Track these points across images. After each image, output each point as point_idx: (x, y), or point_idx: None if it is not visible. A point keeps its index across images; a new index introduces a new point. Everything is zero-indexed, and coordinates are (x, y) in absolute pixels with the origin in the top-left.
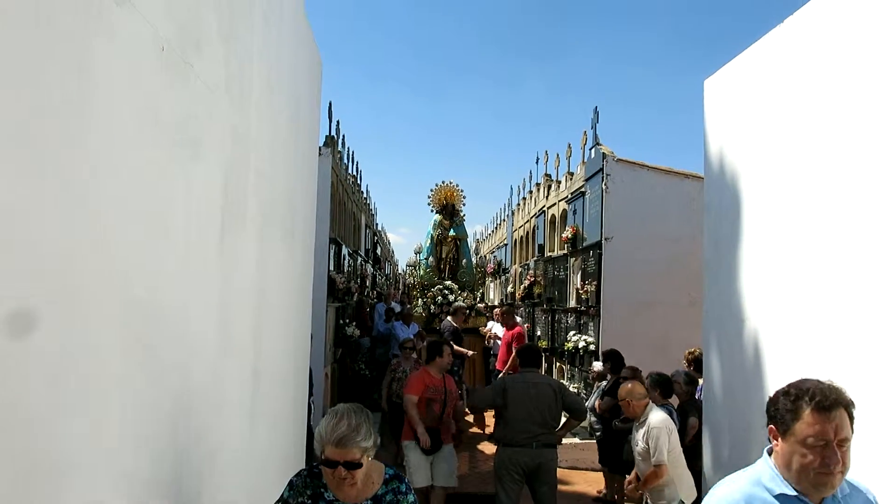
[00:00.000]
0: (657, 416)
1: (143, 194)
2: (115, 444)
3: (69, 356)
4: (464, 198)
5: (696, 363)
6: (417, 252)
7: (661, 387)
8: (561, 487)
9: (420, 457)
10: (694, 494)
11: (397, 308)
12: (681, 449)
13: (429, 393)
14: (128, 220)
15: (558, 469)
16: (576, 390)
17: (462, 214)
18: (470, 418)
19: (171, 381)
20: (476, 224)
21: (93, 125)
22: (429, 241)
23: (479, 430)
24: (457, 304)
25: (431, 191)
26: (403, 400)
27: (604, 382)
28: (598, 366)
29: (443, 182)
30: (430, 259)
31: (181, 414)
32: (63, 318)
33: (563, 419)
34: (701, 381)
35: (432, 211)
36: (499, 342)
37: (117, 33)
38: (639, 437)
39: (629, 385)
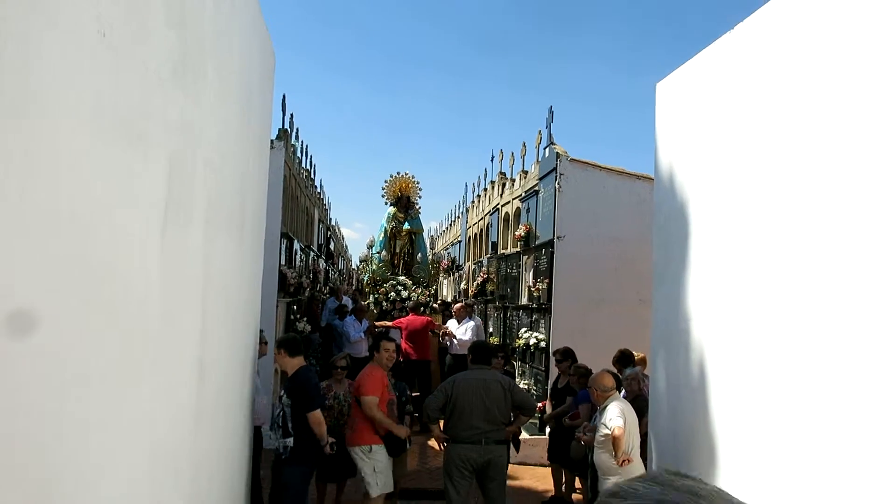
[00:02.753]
0: (616, 404)
1: (80, 185)
2: (50, 444)
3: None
4: (420, 190)
5: (623, 360)
6: (370, 246)
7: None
8: (510, 483)
9: (388, 460)
10: None
11: (350, 304)
12: (638, 441)
13: (388, 393)
14: (63, 212)
15: (508, 465)
16: (527, 387)
17: (418, 207)
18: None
19: (108, 381)
20: (431, 221)
21: (29, 113)
22: (382, 234)
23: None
24: (417, 300)
25: (386, 182)
26: (362, 402)
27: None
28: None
29: (398, 173)
30: (384, 253)
31: (122, 419)
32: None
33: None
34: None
35: (386, 203)
36: (455, 341)
37: (60, 19)
38: (599, 423)
39: (598, 375)
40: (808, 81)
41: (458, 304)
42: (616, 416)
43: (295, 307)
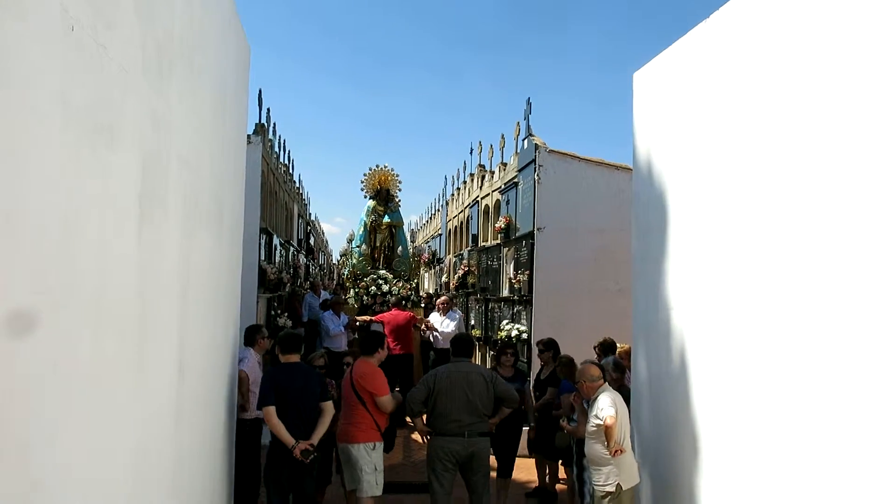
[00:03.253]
0: (606, 395)
1: (51, 182)
2: (27, 441)
3: None
4: (399, 183)
5: (605, 348)
6: (350, 240)
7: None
8: (494, 475)
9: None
10: (636, 480)
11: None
12: (628, 431)
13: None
14: (35, 211)
15: (491, 457)
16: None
17: (398, 200)
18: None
19: (85, 380)
20: (411, 214)
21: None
22: (362, 228)
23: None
24: (399, 295)
25: (365, 175)
26: (380, 403)
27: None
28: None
29: (377, 166)
30: (364, 247)
31: (99, 416)
32: None
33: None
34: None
35: (366, 196)
36: (437, 335)
37: (26, 12)
38: (591, 415)
39: (584, 366)
40: (785, 68)
41: (442, 297)
42: (608, 406)
43: (275, 303)
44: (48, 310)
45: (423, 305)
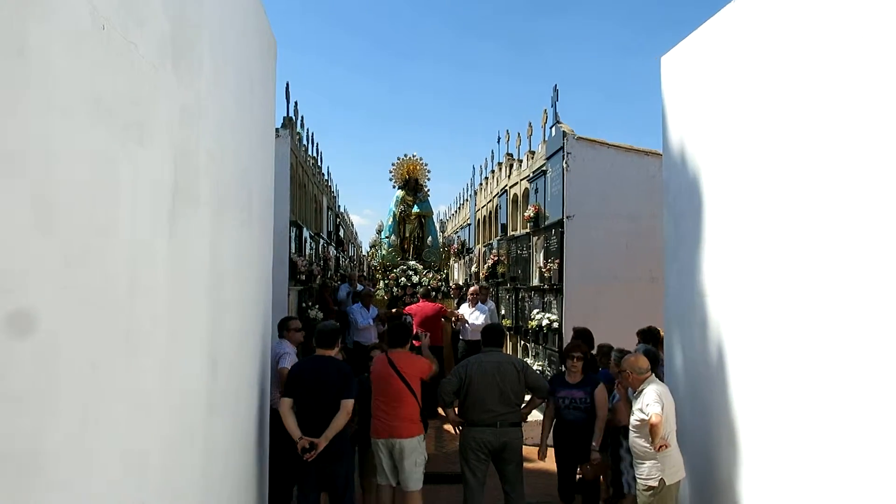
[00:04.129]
0: (653, 388)
1: (86, 179)
2: (64, 439)
3: (8, 348)
4: (428, 172)
5: (646, 336)
6: (379, 231)
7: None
8: (527, 465)
9: None
10: (680, 475)
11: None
12: (674, 427)
13: None
14: (71, 207)
15: (524, 447)
16: (540, 369)
17: (426, 190)
18: None
19: (118, 375)
20: (440, 205)
21: (30, 110)
22: (391, 218)
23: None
24: (428, 286)
25: (393, 165)
26: (430, 376)
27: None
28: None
29: (405, 155)
30: (393, 238)
31: (132, 410)
32: (2, 307)
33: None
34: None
35: (394, 187)
36: (467, 326)
37: (54, 12)
38: (635, 408)
39: (632, 357)
40: (819, 46)
41: (473, 287)
42: (654, 402)
43: (306, 295)
44: (78, 305)
45: (452, 296)
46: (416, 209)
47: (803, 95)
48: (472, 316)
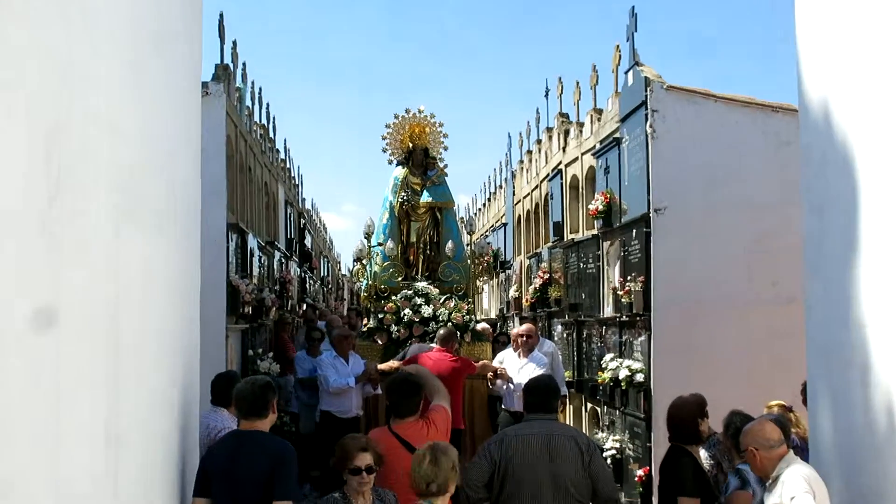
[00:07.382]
0: (797, 470)
1: None
2: None
3: None
4: (444, 138)
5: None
6: (368, 235)
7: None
8: None
9: None
10: None
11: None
12: None
13: None
14: None
15: None
16: (618, 445)
17: (443, 167)
18: None
19: None
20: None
21: None
22: (387, 214)
23: None
24: (448, 327)
25: (389, 127)
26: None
27: None
28: None
29: (407, 112)
30: (390, 244)
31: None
32: None
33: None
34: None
35: (391, 162)
36: (512, 387)
37: None
38: (771, 503)
39: (756, 425)
40: None
41: (523, 328)
42: (802, 493)
43: (254, 336)
44: None
45: (490, 340)
46: (426, 197)
47: None
48: (524, 372)
